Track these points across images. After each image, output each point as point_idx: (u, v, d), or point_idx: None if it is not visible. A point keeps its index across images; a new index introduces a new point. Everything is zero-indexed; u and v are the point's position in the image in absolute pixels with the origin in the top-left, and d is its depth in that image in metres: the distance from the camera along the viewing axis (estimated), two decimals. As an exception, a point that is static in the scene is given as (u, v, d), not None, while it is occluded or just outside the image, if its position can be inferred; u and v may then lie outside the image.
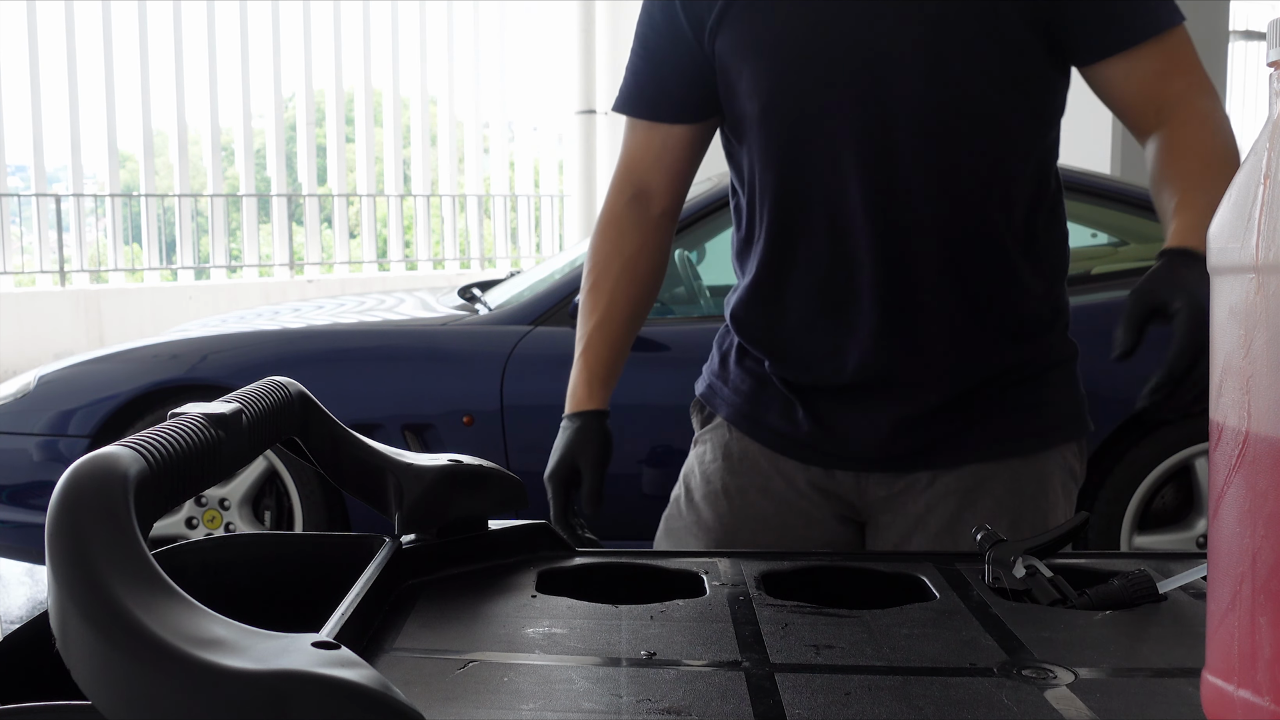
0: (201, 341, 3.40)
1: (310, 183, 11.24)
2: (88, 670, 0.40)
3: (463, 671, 0.60)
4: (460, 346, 3.25)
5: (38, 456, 3.18)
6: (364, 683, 0.38)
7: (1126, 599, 0.71)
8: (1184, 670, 0.60)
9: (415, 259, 11.34)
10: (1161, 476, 3.09)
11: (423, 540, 0.76)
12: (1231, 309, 0.48)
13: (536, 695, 0.57)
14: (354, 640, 0.60)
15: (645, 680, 0.59)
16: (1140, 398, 0.92)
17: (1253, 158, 0.49)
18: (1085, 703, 0.56)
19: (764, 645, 0.64)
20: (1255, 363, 0.47)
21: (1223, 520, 0.49)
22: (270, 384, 0.70)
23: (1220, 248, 0.49)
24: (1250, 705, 0.48)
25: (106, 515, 0.44)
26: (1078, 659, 0.62)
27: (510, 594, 0.73)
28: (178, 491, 0.52)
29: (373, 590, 0.65)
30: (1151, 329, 0.91)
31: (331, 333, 3.43)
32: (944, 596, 0.73)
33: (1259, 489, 0.47)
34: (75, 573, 0.41)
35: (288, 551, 0.79)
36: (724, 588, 0.74)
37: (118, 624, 0.40)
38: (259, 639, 0.41)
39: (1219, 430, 0.50)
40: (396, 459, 0.76)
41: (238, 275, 10.60)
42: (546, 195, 12.19)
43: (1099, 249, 3.49)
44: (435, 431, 3.09)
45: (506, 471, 0.81)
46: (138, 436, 0.51)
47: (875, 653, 0.63)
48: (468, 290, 3.78)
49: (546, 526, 0.82)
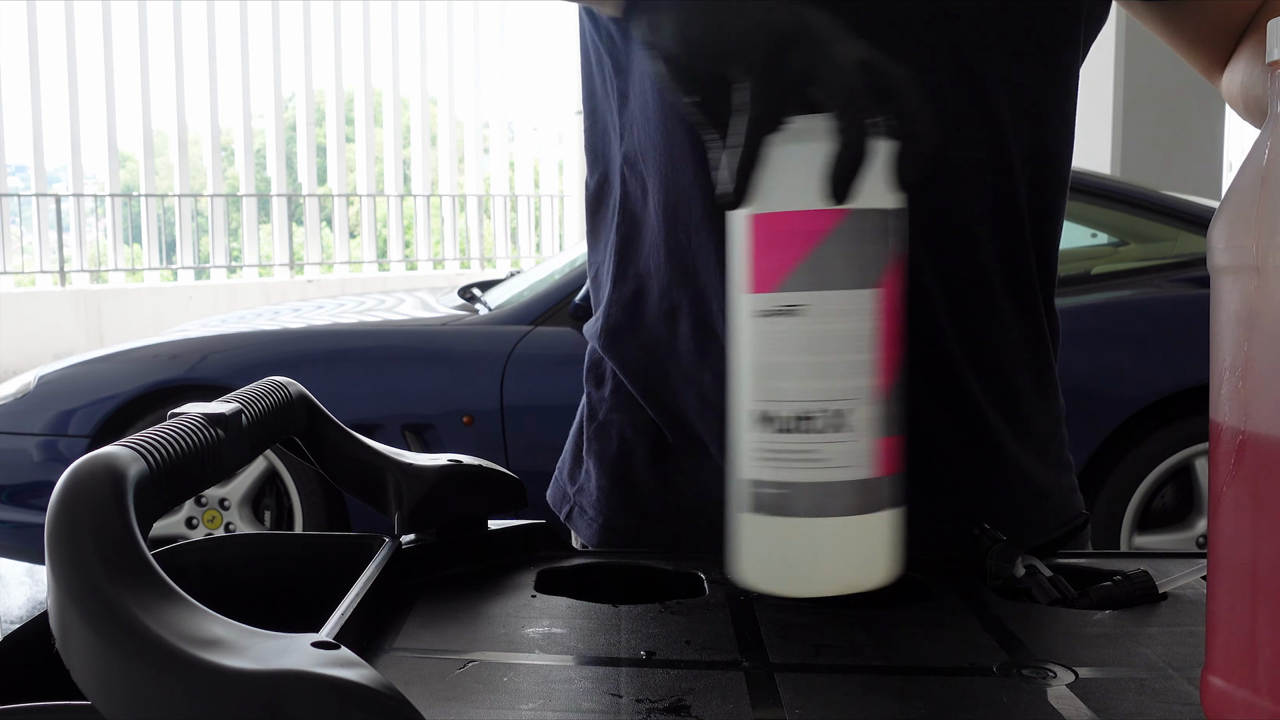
0: (201, 341, 3.40)
1: (310, 183, 11.25)
2: (87, 670, 0.40)
3: (463, 671, 0.60)
4: (460, 346, 3.26)
5: (38, 456, 3.19)
6: (364, 682, 0.38)
7: (1126, 599, 0.71)
8: (1184, 670, 0.60)
9: (415, 259, 11.35)
10: (1161, 476, 3.09)
11: (423, 540, 0.76)
12: (1231, 309, 0.48)
13: (536, 695, 0.57)
14: (354, 640, 0.60)
15: (645, 680, 0.59)
16: None
17: (1253, 158, 0.49)
18: (1085, 703, 0.56)
19: (764, 645, 0.64)
20: (1255, 363, 0.47)
21: (1223, 520, 0.49)
22: (270, 384, 0.70)
23: (1220, 248, 0.49)
24: (1250, 705, 0.48)
25: (106, 515, 0.44)
26: (1078, 659, 0.62)
27: (510, 594, 0.73)
28: (178, 491, 0.52)
29: (373, 590, 0.65)
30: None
31: (331, 333, 3.44)
32: (944, 596, 0.73)
33: (1259, 489, 0.47)
34: (75, 572, 0.41)
35: (288, 551, 0.79)
36: (724, 588, 0.74)
37: (118, 624, 0.40)
38: (259, 639, 0.41)
39: (1219, 430, 0.50)
40: (396, 459, 0.76)
41: (238, 275, 10.61)
42: (546, 195, 12.20)
43: (1099, 249, 3.49)
44: (435, 431, 3.09)
45: (506, 471, 0.81)
46: (137, 436, 0.51)
47: (875, 653, 0.63)
48: (468, 290, 3.79)
49: (546, 526, 0.82)
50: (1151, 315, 3.10)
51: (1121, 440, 3.01)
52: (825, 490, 0.60)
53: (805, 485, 0.60)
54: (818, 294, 0.59)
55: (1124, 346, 3.04)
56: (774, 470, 0.60)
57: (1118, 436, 3.00)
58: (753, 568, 0.63)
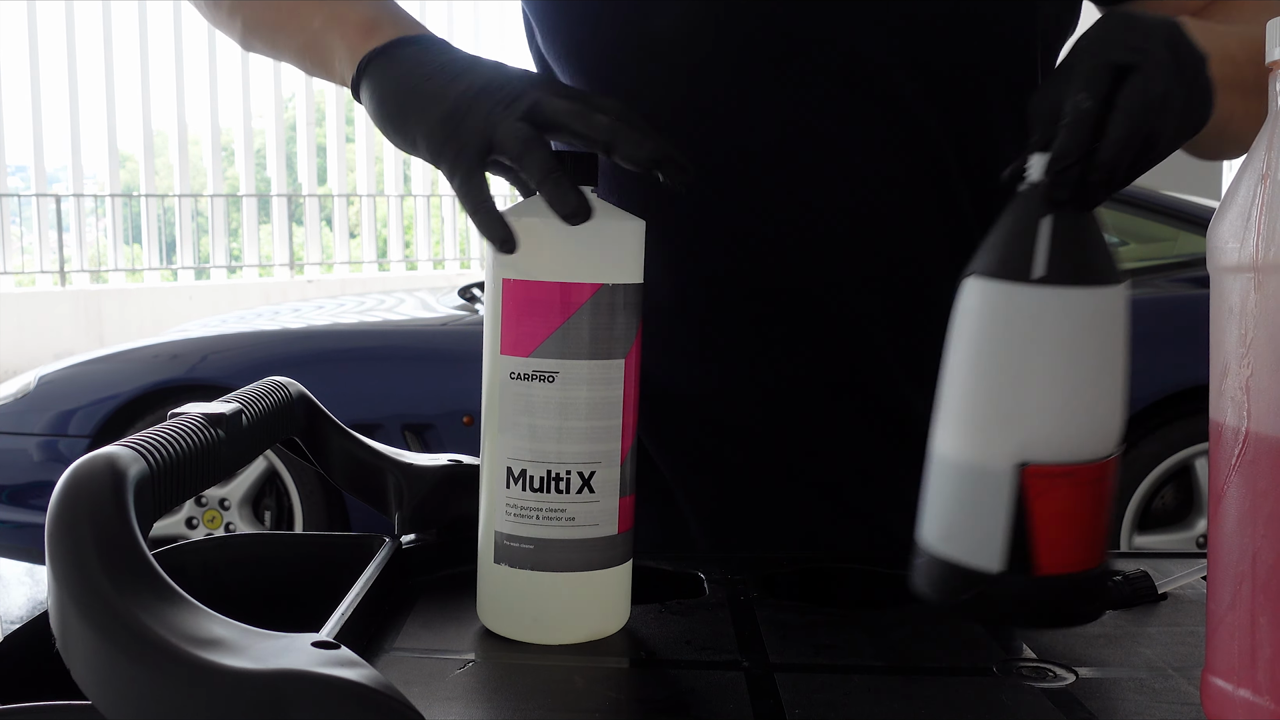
0: (201, 341, 3.40)
1: (310, 183, 11.24)
2: (88, 670, 0.40)
3: (463, 671, 0.60)
4: (460, 346, 3.25)
5: (38, 456, 3.18)
6: (364, 682, 0.38)
7: (1126, 599, 0.71)
8: (1184, 670, 0.60)
9: (415, 259, 11.34)
10: (1161, 476, 3.09)
11: (423, 540, 0.76)
12: (1231, 309, 0.49)
13: (536, 695, 0.57)
14: (354, 640, 0.60)
15: (645, 680, 0.59)
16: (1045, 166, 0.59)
17: (1253, 158, 0.49)
18: (1085, 703, 0.56)
19: (764, 645, 0.64)
20: (1255, 363, 0.47)
21: (1223, 520, 0.49)
22: (270, 384, 0.70)
23: (1220, 248, 0.49)
24: (1250, 705, 0.48)
25: (107, 515, 0.44)
26: (1078, 659, 0.62)
27: (510, 594, 0.73)
28: (178, 491, 0.52)
29: (373, 590, 0.65)
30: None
31: (331, 333, 3.43)
32: (944, 596, 0.73)
33: (1259, 489, 0.47)
34: (75, 572, 0.41)
35: (288, 551, 0.79)
36: (724, 588, 0.74)
37: (118, 624, 0.40)
38: (259, 639, 0.41)
39: (1219, 430, 0.50)
40: (397, 459, 0.76)
41: (238, 275, 10.60)
42: (546, 195, 12.17)
43: (1099, 249, 3.49)
44: (435, 431, 3.09)
45: (506, 471, 0.80)
46: (138, 436, 0.51)
47: (875, 653, 0.63)
48: (468, 290, 3.78)
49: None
50: (1151, 315, 3.10)
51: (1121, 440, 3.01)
52: (573, 547, 0.63)
53: (554, 542, 0.63)
54: (570, 362, 0.62)
55: (1124, 346, 3.02)
56: (525, 526, 0.63)
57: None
58: (500, 616, 0.66)
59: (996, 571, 0.57)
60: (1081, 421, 0.58)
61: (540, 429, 0.62)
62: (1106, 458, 0.59)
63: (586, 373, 0.62)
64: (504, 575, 0.64)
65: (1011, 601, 0.58)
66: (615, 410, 0.63)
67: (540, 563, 0.63)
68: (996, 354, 0.58)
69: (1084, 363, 0.57)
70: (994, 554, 0.58)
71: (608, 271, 0.62)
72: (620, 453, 0.64)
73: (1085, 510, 0.58)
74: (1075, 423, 0.58)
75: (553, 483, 0.63)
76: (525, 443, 0.63)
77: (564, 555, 0.63)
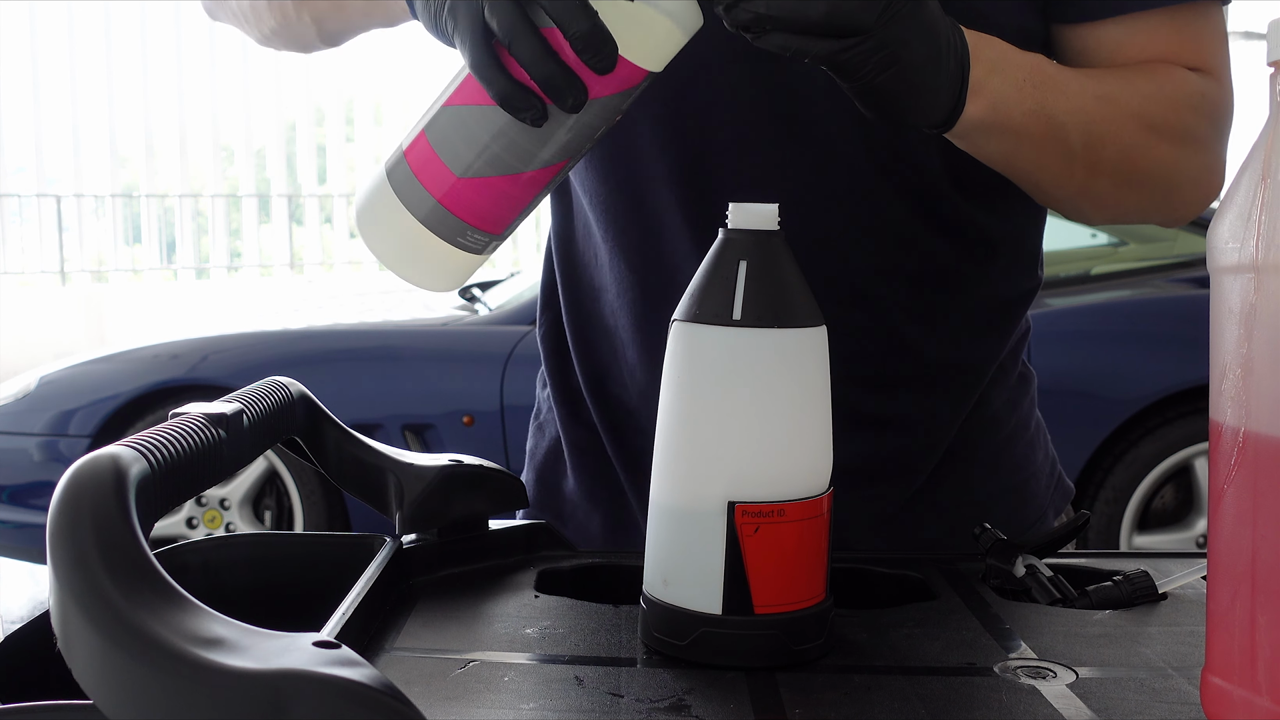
0: (202, 341, 3.40)
1: (311, 183, 11.24)
2: (89, 669, 0.40)
3: (463, 671, 0.60)
4: (460, 346, 3.26)
5: (38, 457, 3.19)
6: (365, 682, 0.38)
7: (1126, 599, 0.71)
8: (1184, 670, 0.61)
9: (416, 259, 11.31)
10: (1161, 476, 3.09)
11: (423, 540, 0.76)
12: (1231, 309, 0.49)
13: (536, 695, 0.57)
14: (354, 640, 0.60)
15: (645, 680, 0.59)
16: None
17: (1253, 158, 0.49)
18: (1085, 703, 0.56)
19: (764, 645, 0.64)
20: (1254, 363, 0.47)
21: (1222, 520, 0.49)
22: (271, 384, 0.70)
23: (1220, 248, 0.49)
24: (1250, 705, 0.48)
25: (107, 515, 0.44)
26: (1078, 659, 0.62)
27: (510, 594, 0.73)
28: (179, 491, 0.52)
29: (373, 590, 0.65)
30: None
31: (332, 333, 3.44)
32: (944, 596, 0.73)
33: (1259, 489, 0.47)
34: (76, 572, 0.41)
35: (288, 551, 0.79)
36: (724, 588, 0.74)
37: (119, 623, 0.40)
38: (260, 638, 0.41)
39: (1219, 430, 0.50)
40: (397, 459, 0.76)
41: (238, 275, 10.60)
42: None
43: (1099, 249, 3.49)
44: (435, 431, 3.10)
45: (506, 471, 0.81)
46: (138, 436, 0.51)
47: (875, 653, 0.63)
48: (468, 290, 3.78)
49: (547, 526, 0.82)
50: (1151, 315, 3.10)
51: (1121, 440, 3.01)
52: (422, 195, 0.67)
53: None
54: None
55: (1124, 346, 3.03)
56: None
57: (1118, 436, 3.00)
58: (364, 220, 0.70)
59: (717, 614, 0.60)
60: (787, 459, 0.60)
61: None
62: (818, 495, 0.61)
63: None
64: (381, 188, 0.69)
65: (732, 641, 0.60)
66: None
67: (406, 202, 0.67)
68: (702, 395, 0.60)
69: (785, 401, 0.60)
70: (713, 596, 0.60)
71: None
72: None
73: (799, 548, 0.60)
74: (781, 461, 0.60)
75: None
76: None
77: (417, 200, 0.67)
